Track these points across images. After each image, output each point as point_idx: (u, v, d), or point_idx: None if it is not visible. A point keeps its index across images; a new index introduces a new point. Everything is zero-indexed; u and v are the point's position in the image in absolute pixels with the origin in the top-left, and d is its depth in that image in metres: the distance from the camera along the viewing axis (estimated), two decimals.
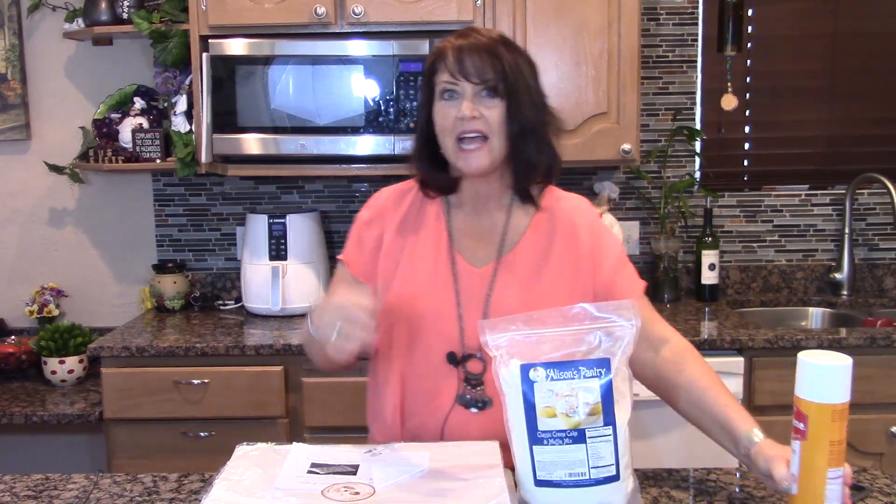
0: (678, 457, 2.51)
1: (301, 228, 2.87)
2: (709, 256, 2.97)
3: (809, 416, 1.24)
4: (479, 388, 1.50)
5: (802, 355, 1.25)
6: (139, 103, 2.95)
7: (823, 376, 1.23)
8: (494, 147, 1.48)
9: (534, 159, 1.52)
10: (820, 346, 2.49)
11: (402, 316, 1.52)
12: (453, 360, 1.50)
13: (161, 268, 3.04)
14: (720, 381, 1.51)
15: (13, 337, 3.00)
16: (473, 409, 1.50)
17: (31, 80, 3.10)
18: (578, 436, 1.19)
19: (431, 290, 1.53)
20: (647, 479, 1.48)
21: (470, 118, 1.46)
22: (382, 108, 2.64)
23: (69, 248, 3.17)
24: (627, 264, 1.60)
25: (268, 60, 2.64)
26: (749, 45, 3.10)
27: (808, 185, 3.14)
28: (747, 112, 3.15)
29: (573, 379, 1.20)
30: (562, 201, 1.61)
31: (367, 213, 1.62)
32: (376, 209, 1.62)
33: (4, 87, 3.08)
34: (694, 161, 3.13)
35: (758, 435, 1.37)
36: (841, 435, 1.22)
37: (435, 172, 1.56)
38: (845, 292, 3.06)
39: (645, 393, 2.48)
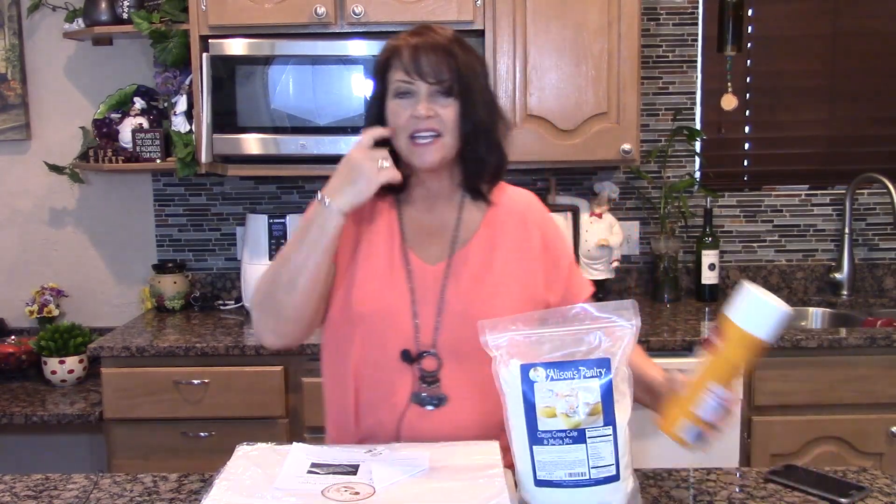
0: (678, 457, 2.50)
1: None
2: (709, 256, 2.97)
3: (729, 338, 1.29)
4: (434, 386, 1.50)
5: (749, 285, 1.29)
6: (139, 103, 2.95)
7: (762, 311, 1.27)
8: (447, 143, 1.50)
9: (484, 158, 1.55)
10: (820, 346, 2.50)
11: (356, 314, 1.52)
12: (407, 357, 1.50)
13: (161, 268, 3.04)
14: (640, 349, 1.57)
15: (13, 337, 3.00)
16: (429, 407, 1.50)
17: (31, 80, 3.11)
18: (578, 436, 1.19)
19: (385, 288, 1.53)
20: (647, 479, 1.48)
21: (425, 118, 1.47)
22: None
23: (69, 248, 3.17)
24: (574, 267, 1.66)
25: (268, 60, 2.64)
26: (749, 45, 3.10)
27: (808, 185, 3.14)
28: (747, 112, 3.15)
29: (573, 379, 1.20)
30: (511, 196, 1.64)
31: None
32: None
33: (4, 87, 3.08)
34: (694, 161, 3.13)
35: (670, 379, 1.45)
36: (743, 363, 1.30)
37: None
38: (845, 292, 3.06)
39: None
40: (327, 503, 1.23)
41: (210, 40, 2.66)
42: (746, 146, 3.18)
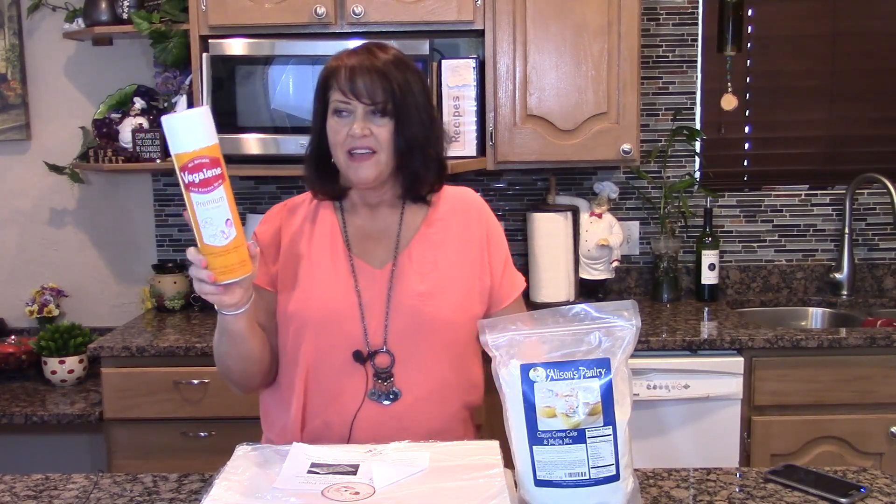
0: (678, 457, 2.51)
1: None
2: (709, 256, 2.97)
3: (221, 158, 1.29)
4: (389, 381, 1.55)
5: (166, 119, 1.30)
6: (139, 103, 2.95)
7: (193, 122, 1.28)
8: (382, 160, 1.56)
9: (420, 172, 1.61)
10: (820, 346, 2.50)
11: (305, 322, 1.57)
12: (359, 357, 1.55)
13: (161, 268, 3.04)
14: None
15: (13, 337, 3.00)
16: (386, 402, 1.55)
17: (31, 80, 3.10)
18: (578, 436, 1.19)
19: (333, 295, 1.58)
20: (647, 479, 1.48)
21: (360, 136, 1.53)
22: None
23: (69, 248, 3.17)
24: (510, 263, 1.70)
25: (268, 60, 2.64)
26: (749, 45, 3.10)
27: (808, 185, 3.14)
28: (747, 112, 3.15)
29: (573, 379, 1.20)
30: (452, 194, 1.70)
31: (262, 228, 1.67)
32: (270, 221, 1.68)
33: (4, 87, 3.08)
34: (694, 161, 3.13)
35: None
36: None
37: (324, 179, 1.63)
38: (845, 292, 3.06)
39: (645, 393, 2.50)
40: (327, 503, 1.23)
41: (210, 40, 2.66)
42: (746, 146, 3.18)
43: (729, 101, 3.04)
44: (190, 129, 1.28)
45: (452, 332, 1.59)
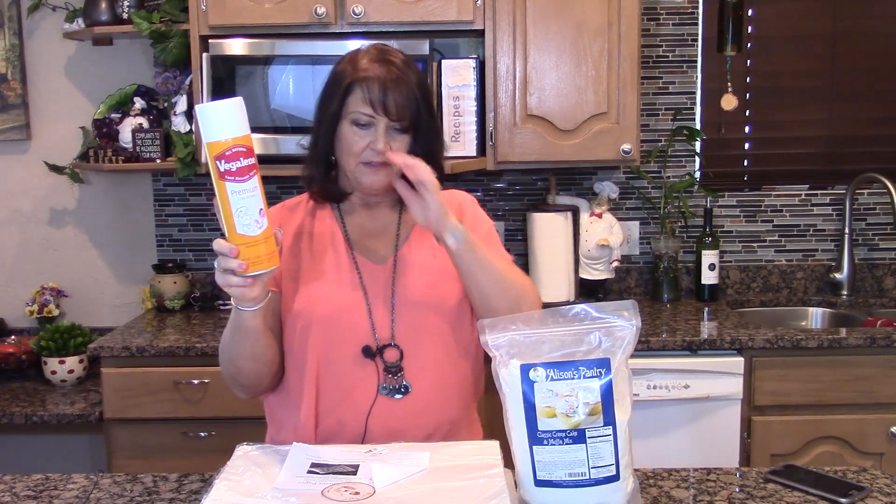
0: (678, 457, 2.51)
1: None
2: (709, 256, 2.97)
3: (253, 148, 1.29)
4: (399, 375, 1.56)
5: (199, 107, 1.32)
6: (139, 103, 2.95)
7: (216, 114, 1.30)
8: (396, 171, 1.55)
9: None
10: (820, 346, 2.50)
11: (312, 319, 1.56)
12: (369, 353, 1.55)
13: (161, 268, 3.04)
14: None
15: (13, 337, 3.00)
16: (397, 396, 1.55)
17: (31, 80, 3.10)
18: (578, 436, 1.19)
19: (338, 291, 1.58)
20: (647, 479, 1.48)
21: (382, 152, 1.53)
22: None
23: (69, 248, 3.17)
24: (494, 238, 1.69)
25: (268, 60, 2.64)
26: (749, 45, 3.10)
27: (808, 185, 3.14)
28: (747, 112, 3.15)
29: (573, 379, 1.20)
30: (446, 197, 1.67)
31: None
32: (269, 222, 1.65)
33: (4, 87, 3.08)
34: (694, 161, 3.13)
35: None
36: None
37: (325, 178, 1.63)
38: (845, 292, 3.06)
39: (645, 393, 2.50)
40: (327, 503, 1.23)
41: (210, 40, 2.66)
42: (746, 146, 3.18)
43: (729, 101, 3.04)
44: (226, 118, 1.28)
45: (457, 324, 1.60)
